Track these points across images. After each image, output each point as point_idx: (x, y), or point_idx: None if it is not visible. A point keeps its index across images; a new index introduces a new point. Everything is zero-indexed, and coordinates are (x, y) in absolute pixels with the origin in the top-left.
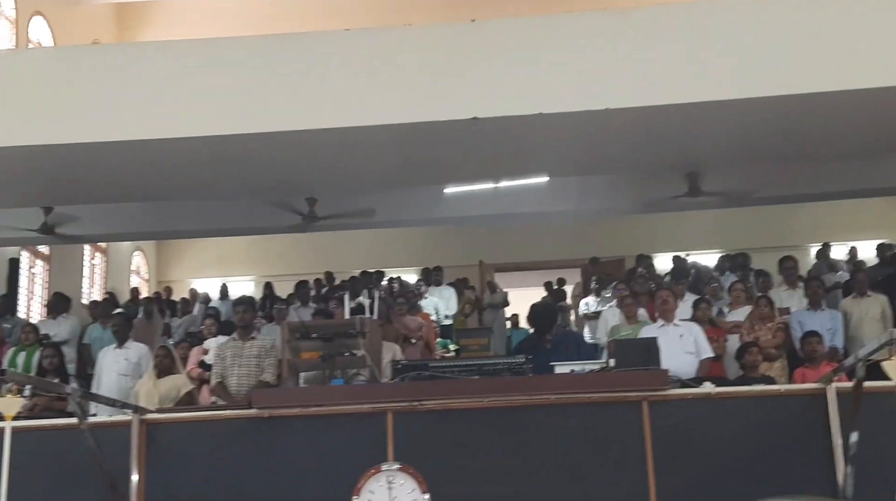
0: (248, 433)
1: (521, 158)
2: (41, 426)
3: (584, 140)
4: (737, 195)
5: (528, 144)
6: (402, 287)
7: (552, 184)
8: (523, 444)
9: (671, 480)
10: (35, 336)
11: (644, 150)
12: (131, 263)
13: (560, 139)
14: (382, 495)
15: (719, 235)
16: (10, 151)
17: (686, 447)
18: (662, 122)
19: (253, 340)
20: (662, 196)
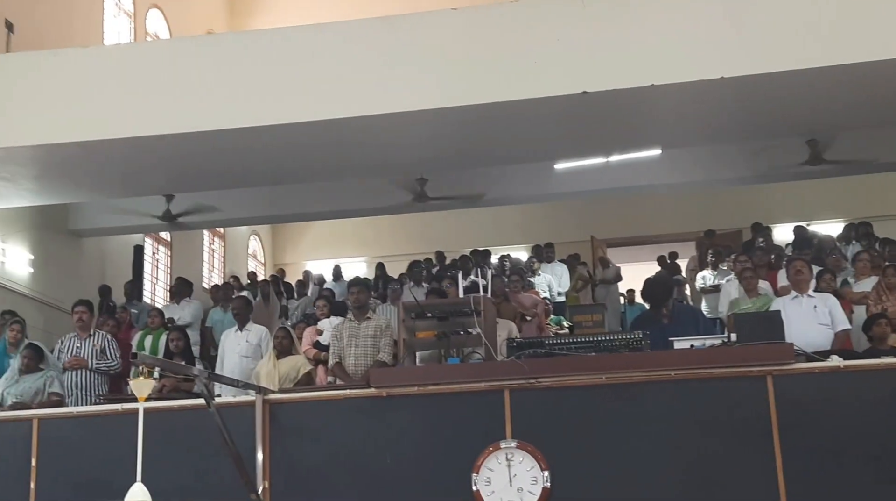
0: (367, 411)
1: (633, 131)
2: (171, 407)
3: (699, 110)
4: (860, 162)
5: (639, 117)
6: (514, 265)
7: (665, 156)
8: (642, 421)
9: (798, 455)
10: (161, 320)
11: (761, 118)
12: (248, 247)
13: (673, 110)
14: (502, 472)
15: (841, 203)
16: (134, 141)
17: (813, 422)
18: (781, 89)
19: (368, 320)
20: (781, 165)
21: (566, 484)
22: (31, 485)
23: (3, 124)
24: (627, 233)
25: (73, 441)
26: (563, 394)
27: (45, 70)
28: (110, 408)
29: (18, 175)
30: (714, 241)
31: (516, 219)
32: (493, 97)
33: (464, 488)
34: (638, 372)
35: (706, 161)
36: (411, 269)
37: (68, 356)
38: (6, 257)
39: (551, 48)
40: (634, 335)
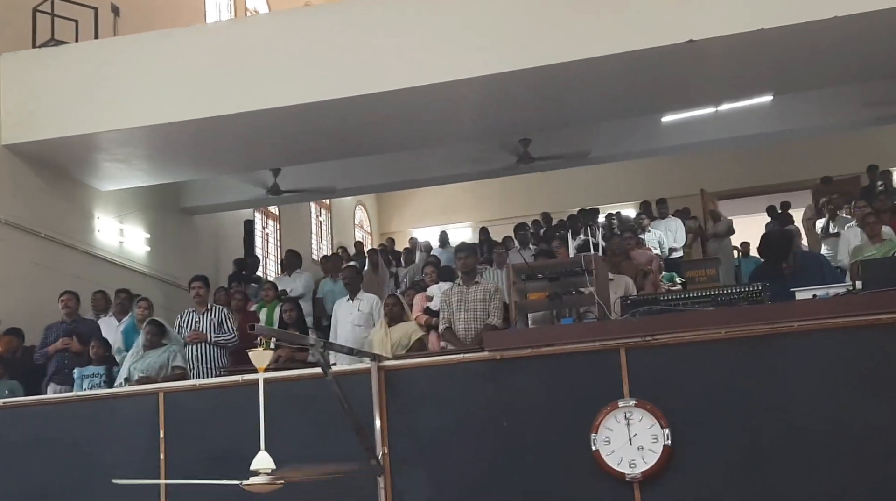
0: (482, 375)
1: (743, 79)
2: (289, 376)
3: (811, 53)
4: None
5: (749, 63)
6: (623, 222)
7: (777, 102)
8: (766, 375)
9: None
10: (275, 293)
11: (877, 57)
12: (354, 217)
13: (784, 54)
14: (621, 431)
15: None
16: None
17: None
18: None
19: (477, 284)
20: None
21: (688, 442)
22: (161, 456)
23: (114, 107)
24: (738, 184)
25: (197, 412)
26: (681, 351)
27: (151, 52)
28: (231, 380)
29: (132, 156)
30: (831, 187)
31: (622, 176)
32: (596, 52)
33: (583, 448)
34: (759, 325)
35: (820, 106)
36: (517, 232)
37: (188, 331)
38: (124, 237)
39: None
40: (754, 288)
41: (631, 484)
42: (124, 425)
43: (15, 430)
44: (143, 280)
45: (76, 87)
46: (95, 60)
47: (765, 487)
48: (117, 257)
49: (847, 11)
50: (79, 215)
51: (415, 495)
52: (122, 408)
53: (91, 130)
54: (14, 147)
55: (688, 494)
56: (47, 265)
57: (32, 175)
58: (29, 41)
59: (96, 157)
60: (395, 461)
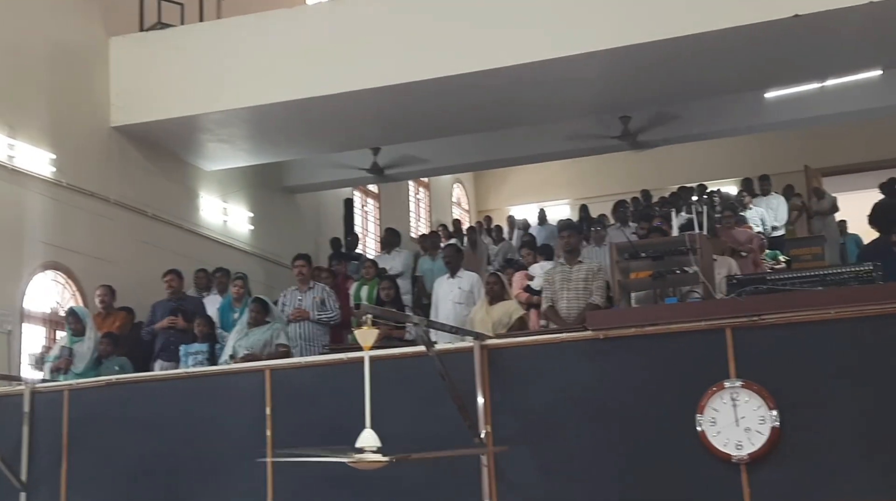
0: (585, 354)
1: (850, 53)
2: (393, 355)
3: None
4: None
5: (856, 37)
6: (724, 200)
7: (886, 76)
8: (877, 356)
9: None
10: (375, 270)
11: None
12: (452, 195)
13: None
14: (727, 412)
15: None
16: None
17: None
18: None
19: (580, 263)
20: None
21: (796, 424)
22: (268, 433)
23: (218, 89)
24: (843, 160)
25: (303, 389)
26: (789, 331)
27: (253, 34)
28: (336, 358)
29: (235, 136)
30: None
31: (724, 152)
32: (701, 27)
33: (688, 428)
34: (870, 306)
35: None
36: (616, 209)
37: (291, 309)
38: (228, 216)
39: None
40: (864, 267)
41: (738, 466)
42: (231, 401)
43: (125, 406)
44: (246, 258)
45: (181, 69)
46: (200, 43)
47: (877, 473)
48: (221, 236)
49: None
50: (184, 194)
51: (518, 473)
52: (230, 385)
53: (195, 111)
54: (122, 129)
55: (797, 477)
56: (154, 244)
57: (140, 156)
58: (136, 25)
59: (201, 137)
60: (499, 439)
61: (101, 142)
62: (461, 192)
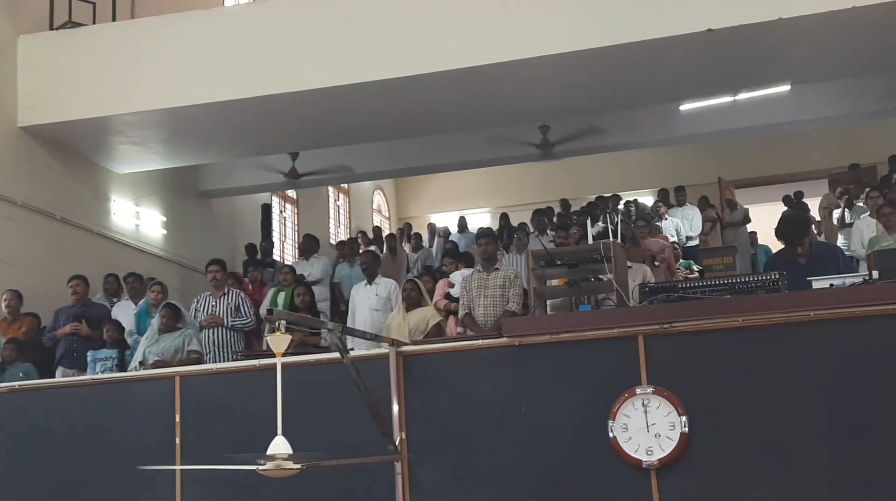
0: (500, 361)
1: (761, 68)
2: (306, 361)
3: (829, 43)
4: None
5: (767, 52)
6: (640, 210)
7: (795, 92)
8: (782, 363)
9: None
10: (293, 277)
11: None
12: (372, 202)
13: (802, 44)
14: (638, 418)
15: None
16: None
17: None
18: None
19: (497, 271)
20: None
21: (705, 430)
22: (177, 440)
23: (131, 90)
24: (755, 173)
25: (214, 396)
26: (699, 338)
27: (168, 34)
28: (248, 364)
29: (149, 139)
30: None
31: (641, 163)
32: (616, 40)
33: (600, 434)
34: (776, 314)
35: (837, 96)
36: (535, 217)
37: (204, 315)
38: (141, 220)
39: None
40: (771, 276)
41: (648, 471)
42: (140, 408)
43: (29, 413)
44: (159, 263)
45: (93, 69)
46: (112, 43)
47: (783, 477)
48: (133, 241)
49: (865, 2)
50: (94, 197)
51: (432, 480)
52: (138, 392)
53: (107, 112)
54: (30, 129)
55: (704, 482)
56: (64, 248)
57: (48, 157)
58: (46, 23)
59: (112, 139)
60: (413, 446)
61: (8, 143)
62: (382, 199)
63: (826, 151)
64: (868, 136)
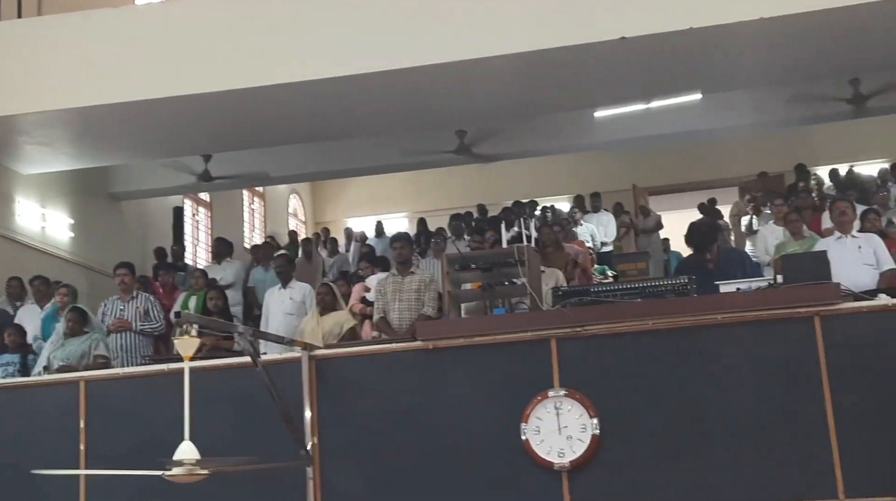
0: (414, 365)
1: (673, 76)
2: (217, 365)
3: (738, 53)
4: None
5: (679, 61)
6: (556, 215)
7: (706, 100)
8: (691, 366)
9: (848, 396)
10: (205, 281)
11: (802, 59)
12: (288, 206)
13: (713, 53)
14: (550, 421)
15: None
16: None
17: (863, 361)
18: (821, 27)
19: (412, 274)
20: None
21: (616, 432)
22: (81, 447)
23: (37, 89)
24: (669, 181)
25: (120, 402)
26: (610, 341)
27: (77, 32)
28: (156, 368)
29: (56, 139)
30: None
31: (557, 169)
32: (531, 46)
33: (513, 437)
34: (685, 317)
35: (748, 105)
36: (452, 222)
37: (112, 319)
38: (47, 222)
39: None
40: (680, 280)
41: (559, 473)
42: (43, 414)
43: None
44: (66, 267)
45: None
46: (18, 40)
47: (689, 478)
48: (39, 243)
49: (773, 13)
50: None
51: (344, 486)
52: (42, 397)
53: (12, 111)
54: None
55: (615, 484)
56: None
57: None
58: None
59: (18, 139)
60: (326, 451)
61: None
62: (298, 203)
63: (738, 159)
64: (778, 144)
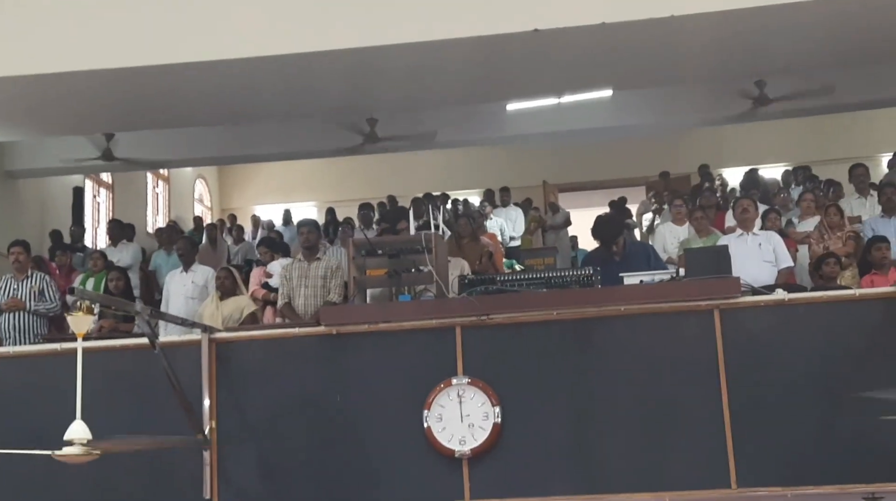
0: (318, 350)
1: (585, 71)
2: (113, 346)
3: (649, 50)
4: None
5: (591, 56)
6: (466, 208)
7: (616, 98)
8: (593, 356)
9: (744, 388)
10: (104, 263)
11: (711, 58)
12: (194, 191)
13: (624, 50)
14: (453, 408)
15: (788, 147)
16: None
17: (759, 355)
18: (730, 27)
19: (318, 261)
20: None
21: (517, 421)
22: None
23: None
24: (579, 178)
25: (9, 382)
26: (515, 331)
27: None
28: (49, 348)
29: None
30: (662, 184)
31: (469, 163)
32: (443, 35)
33: (415, 425)
34: (589, 308)
35: (657, 103)
36: (361, 211)
37: (4, 298)
38: None
39: None
40: (585, 271)
41: (460, 461)
42: None
43: None
44: None
45: None
46: None
47: (588, 468)
48: None
49: (684, 11)
50: None
51: (241, 472)
52: None
53: None
54: None
55: (514, 472)
56: None
57: None
58: None
59: None
60: (223, 435)
61: None
62: (204, 188)
63: (646, 159)
64: (685, 146)
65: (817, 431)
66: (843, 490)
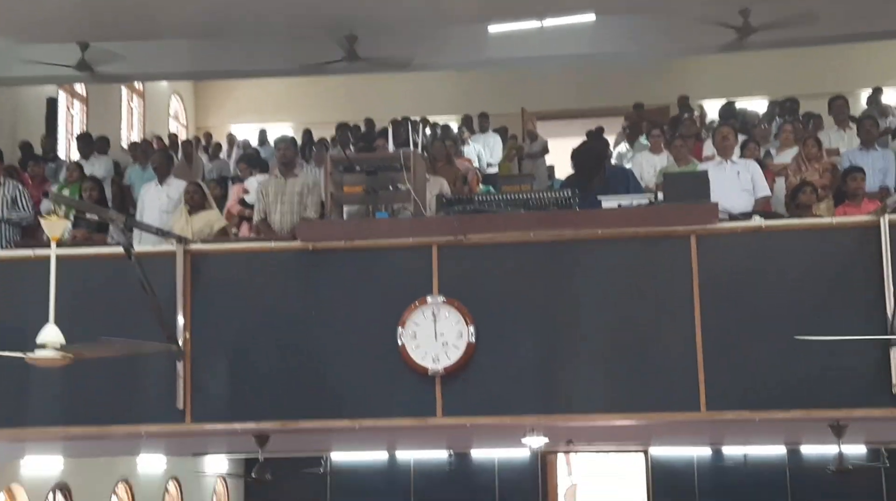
0: (293, 266)
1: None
2: (87, 254)
3: None
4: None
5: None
6: (445, 133)
7: (598, 23)
8: (569, 279)
9: (717, 314)
10: (80, 174)
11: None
12: (169, 108)
13: None
14: (427, 327)
15: (768, 81)
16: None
17: (734, 281)
18: None
19: (295, 177)
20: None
21: (490, 340)
22: None
23: None
24: (558, 106)
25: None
26: (491, 251)
27: None
28: (22, 254)
29: None
30: (642, 115)
31: (448, 88)
32: None
33: (390, 342)
34: (566, 230)
35: (640, 32)
36: (339, 131)
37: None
38: None
39: None
40: (564, 193)
41: (433, 379)
42: None
43: None
44: None
45: None
46: None
47: (559, 389)
48: None
49: None
50: None
51: (214, 383)
52: None
53: None
54: None
55: (485, 391)
56: None
57: None
58: None
59: None
60: (197, 346)
61: None
62: (179, 105)
63: (625, 89)
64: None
65: (786, 357)
66: (808, 414)
